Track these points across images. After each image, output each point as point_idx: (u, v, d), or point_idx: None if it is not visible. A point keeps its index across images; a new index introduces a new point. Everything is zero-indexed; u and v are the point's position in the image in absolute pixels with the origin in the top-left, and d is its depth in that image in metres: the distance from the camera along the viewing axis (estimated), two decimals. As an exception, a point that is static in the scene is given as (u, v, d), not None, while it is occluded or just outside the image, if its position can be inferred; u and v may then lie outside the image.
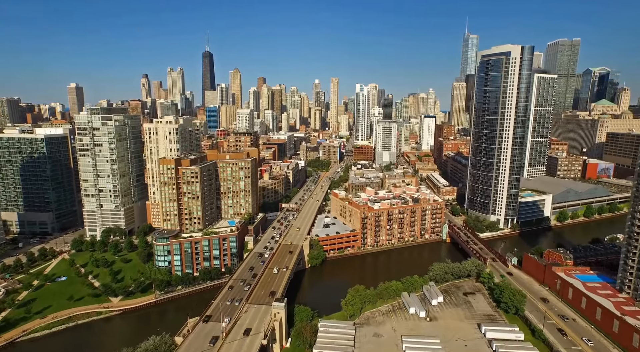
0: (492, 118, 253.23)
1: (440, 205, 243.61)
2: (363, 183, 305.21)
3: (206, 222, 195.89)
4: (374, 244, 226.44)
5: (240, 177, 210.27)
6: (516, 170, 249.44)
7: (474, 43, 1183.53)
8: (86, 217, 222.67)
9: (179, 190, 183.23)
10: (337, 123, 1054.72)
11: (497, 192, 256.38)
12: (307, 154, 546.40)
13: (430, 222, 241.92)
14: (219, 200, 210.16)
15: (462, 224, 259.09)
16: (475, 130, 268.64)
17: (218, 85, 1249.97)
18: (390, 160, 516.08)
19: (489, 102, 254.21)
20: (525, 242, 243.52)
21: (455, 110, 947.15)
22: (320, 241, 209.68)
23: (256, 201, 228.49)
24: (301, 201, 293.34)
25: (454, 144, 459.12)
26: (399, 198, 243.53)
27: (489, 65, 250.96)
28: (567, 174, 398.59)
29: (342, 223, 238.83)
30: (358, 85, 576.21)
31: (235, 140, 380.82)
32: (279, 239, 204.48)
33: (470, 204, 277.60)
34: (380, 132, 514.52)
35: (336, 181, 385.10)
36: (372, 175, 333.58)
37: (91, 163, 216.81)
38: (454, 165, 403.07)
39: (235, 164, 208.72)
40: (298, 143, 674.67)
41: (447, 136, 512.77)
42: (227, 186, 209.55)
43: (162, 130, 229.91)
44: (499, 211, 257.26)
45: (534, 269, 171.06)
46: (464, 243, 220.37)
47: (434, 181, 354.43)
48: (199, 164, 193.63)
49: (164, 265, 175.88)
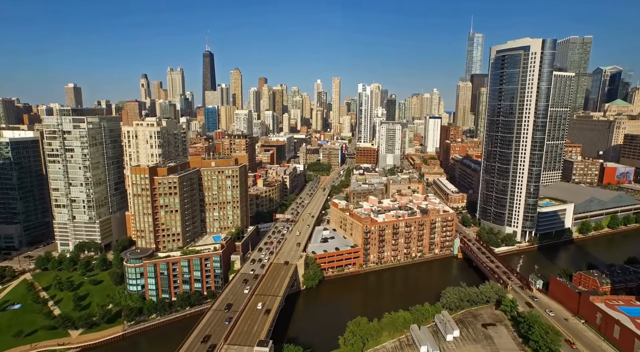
0: (508, 120, 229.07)
1: (452, 217, 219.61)
2: (365, 190, 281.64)
3: (187, 239, 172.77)
4: (377, 261, 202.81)
5: (227, 186, 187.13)
6: (535, 177, 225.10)
7: (479, 42, 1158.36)
8: (57, 230, 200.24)
9: (155, 203, 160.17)
10: (339, 124, 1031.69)
11: (513, 201, 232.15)
12: (307, 156, 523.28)
13: (440, 235, 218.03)
14: (204, 212, 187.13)
15: (475, 237, 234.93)
16: (489, 133, 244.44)
17: (218, 85, 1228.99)
18: (394, 163, 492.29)
19: (505, 103, 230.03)
20: (545, 258, 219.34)
21: (460, 111, 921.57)
22: (317, 258, 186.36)
23: (246, 213, 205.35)
24: (298, 209, 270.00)
25: (462, 147, 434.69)
26: (405, 209, 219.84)
27: (505, 62, 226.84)
28: (583, 179, 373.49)
29: (342, 237, 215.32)
30: (360, 85, 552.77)
31: (230, 143, 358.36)
32: (270, 257, 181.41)
33: (483, 214, 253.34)
34: (383, 134, 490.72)
35: (337, 186, 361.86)
36: (375, 181, 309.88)
37: (62, 170, 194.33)
38: (463, 170, 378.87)
39: (222, 171, 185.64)
40: (298, 145, 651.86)
41: (453, 138, 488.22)
42: (212, 197, 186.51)
43: (142, 133, 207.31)
44: (515, 222, 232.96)
45: (564, 295, 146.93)
46: (478, 260, 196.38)
47: (442, 187, 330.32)
48: (178, 172, 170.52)
49: (136, 289, 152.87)
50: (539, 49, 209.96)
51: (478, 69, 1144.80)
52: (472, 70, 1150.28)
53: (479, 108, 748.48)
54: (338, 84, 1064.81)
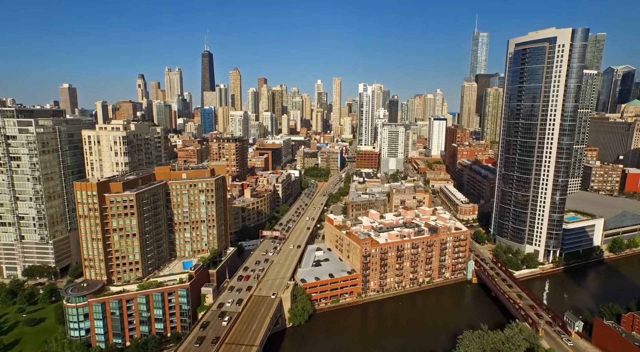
0: (529, 123, 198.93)
1: (465, 235, 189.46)
2: (365, 201, 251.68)
3: (149, 268, 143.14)
4: (378, 289, 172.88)
5: (200, 202, 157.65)
6: (561, 189, 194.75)
7: (484, 41, 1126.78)
8: (2, 252, 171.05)
9: (106, 225, 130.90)
10: (339, 125, 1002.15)
11: (535, 216, 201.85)
12: (305, 160, 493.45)
13: (452, 257, 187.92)
14: (172, 234, 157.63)
15: (491, 257, 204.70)
16: (507, 138, 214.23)
17: (217, 86, 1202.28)
18: (397, 168, 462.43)
19: (526, 103, 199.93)
20: (574, 283, 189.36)
21: (465, 112, 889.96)
22: (308, 288, 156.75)
23: (225, 232, 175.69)
24: (289, 224, 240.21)
25: (470, 151, 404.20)
26: (411, 226, 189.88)
27: (526, 56, 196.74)
28: (602, 187, 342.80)
29: (337, 258, 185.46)
30: (361, 85, 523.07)
31: (218, 147, 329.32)
32: (251, 287, 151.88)
33: (498, 230, 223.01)
34: (385, 136, 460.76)
35: (335, 194, 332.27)
36: (377, 190, 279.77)
37: (7, 182, 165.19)
38: (472, 176, 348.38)
39: (194, 185, 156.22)
40: (296, 148, 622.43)
41: (460, 141, 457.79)
42: (182, 215, 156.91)
43: (105, 139, 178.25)
44: (537, 240, 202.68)
45: (615, 346, 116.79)
46: (497, 289, 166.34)
47: (450, 196, 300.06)
48: (138, 187, 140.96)
49: (79, 335, 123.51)
50: (567, 41, 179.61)
51: (483, 69, 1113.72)
52: (476, 70, 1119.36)
53: (485, 109, 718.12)
54: (339, 84, 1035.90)
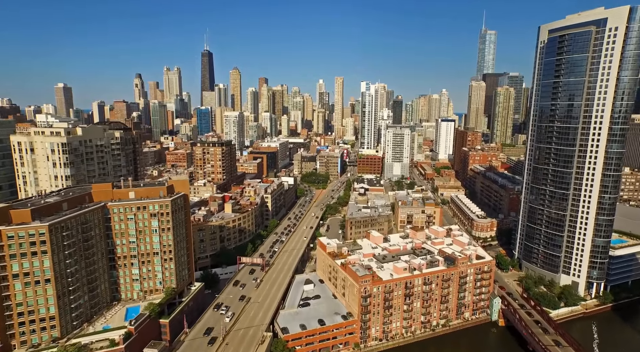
0: (567, 127, 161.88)
1: (489, 266, 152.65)
2: (366, 218, 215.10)
3: (72, 322, 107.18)
4: (381, 337, 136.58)
5: (152, 229, 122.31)
6: (608, 208, 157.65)
7: (492, 39, 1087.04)
8: None
9: (2, 270, 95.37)
10: (341, 127, 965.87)
11: (573, 240, 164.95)
12: (303, 165, 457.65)
13: (473, 293, 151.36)
14: (116, 270, 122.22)
15: (519, 291, 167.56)
16: (537, 145, 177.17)
17: (216, 85, 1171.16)
18: (402, 173, 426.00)
19: (562, 102, 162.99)
20: (629, 327, 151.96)
21: (473, 113, 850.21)
22: (290, 340, 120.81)
23: (189, 264, 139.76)
24: (276, 246, 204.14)
25: (483, 156, 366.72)
26: (422, 253, 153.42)
27: (564, 44, 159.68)
28: (634, 196, 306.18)
29: (330, 295, 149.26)
30: (363, 83, 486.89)
31: (203, 152, 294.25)
32: (215, 339, 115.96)
33: (526, 254, 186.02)
34: (390, 139, 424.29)
35: (333, 205, 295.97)
36: (380, 202, 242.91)
37: None
38: (486, 185, 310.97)
39: (144, 207, 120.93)
40: (295, 150, 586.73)
41: (472, 145, 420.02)
42: (128, 246, 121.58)
43: (41, 146, 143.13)
44: (576, 269, 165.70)
45: None
46: (534, 339, 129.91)
47: (463, 208, 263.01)
48: (59, 214, 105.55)
49: None
50: (622, 23, 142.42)
51: (491, 68, 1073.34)
52: (483, 69, 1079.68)
53: (495, 110, 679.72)
54: (341, 84, 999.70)
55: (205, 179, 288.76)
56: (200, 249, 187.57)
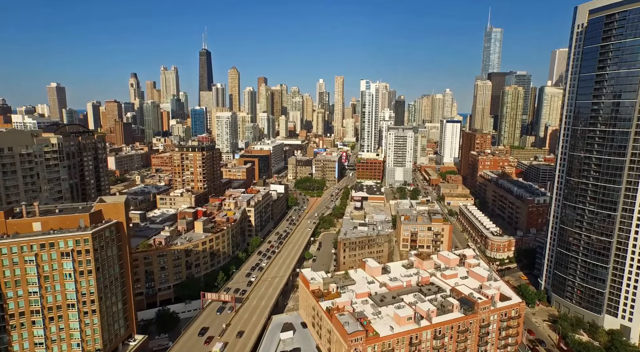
0: (613, 131, 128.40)
1: (518, 310, 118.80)
2: (363, 238, 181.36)
3: None
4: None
5: (65, 273, 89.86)
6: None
7: (498, 37, 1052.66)
8: None
9: None
10: (341, 127, 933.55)
11: (623, 273, 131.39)
12: (298, 169, 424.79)
13: (497, 345, 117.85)
14: (7, 333, 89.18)
15: (556, 339, 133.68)
16: (572, 153, 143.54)
17: (213, 85, 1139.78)
18: (404, 179, 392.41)
19: (608, 100, 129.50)
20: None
21: (478, 114, 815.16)
22: None
23: (127, 311, 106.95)
24: (256, 271, 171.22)
25: (494, 161, 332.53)
26: (430, 291, 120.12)
27: (614, 27, 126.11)
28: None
29: (314, 348, 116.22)
30: (363, 82, 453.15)
31: (181, 157, 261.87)
32: None
33: (556, 286, 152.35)
34: (391, 142, 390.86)
35: (327, 217, 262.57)
36: (379, 218, 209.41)
37: None
38: (499, 195, 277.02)
39: (50, 245, 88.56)
40: (291, 153, 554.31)
41: (481, 148, 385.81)
42: (25, 299, 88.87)
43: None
44: (626, 310, 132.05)
45: None
46: None
47: (474, 223, 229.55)
48: None
49: None
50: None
51: (496, 67, 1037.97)
52: (489, 68, 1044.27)
53: (503, 110, 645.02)
54: (341, 83, 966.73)
55: (184, 188, 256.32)
56: (161, 279, 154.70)
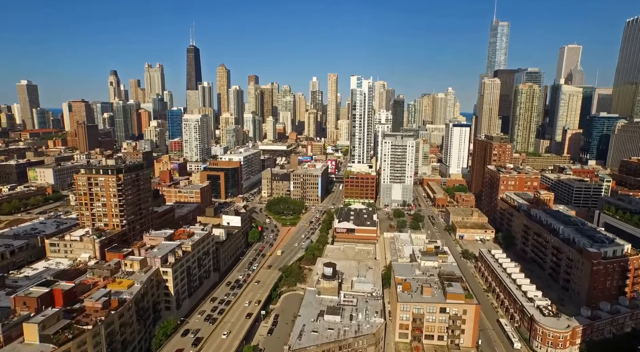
0: None
1: None
2: (330, 345, 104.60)
3: None
4: None
5: None
6: None
7: (504, 32, 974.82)
8: None
9: None
10: (335, 129, 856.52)
11: None
12: (274, 185, 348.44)
13: None
14: None
15: None
16: None
17: (199, 83, 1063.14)
18: (403, 198, 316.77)
19: None
20: None
21: (485, 115, 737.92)
22: None
23: None
24: None
25: (520, 180, 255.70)
26: None
27: None
28: None
29: None
30: (354, 78, 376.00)
31: (88, 183, 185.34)
32: None
33: None
34: (387, 153, 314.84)
35: (294, 267, 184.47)
36: (365, 289, 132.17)
37: None
38: (534, 233, 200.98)
39: None
40: (272, 162, 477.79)
41: (499, 160, 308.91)
42: None
43: None
44: None
45: None
46: None
47: (505, 282, 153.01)
48: None
49: None
50: None
51: (503, 64, 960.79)
52: (494, 65, 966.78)
53: (516, 111, 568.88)
54: (334, 81, 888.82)
55: (90, 227, 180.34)
56: None
